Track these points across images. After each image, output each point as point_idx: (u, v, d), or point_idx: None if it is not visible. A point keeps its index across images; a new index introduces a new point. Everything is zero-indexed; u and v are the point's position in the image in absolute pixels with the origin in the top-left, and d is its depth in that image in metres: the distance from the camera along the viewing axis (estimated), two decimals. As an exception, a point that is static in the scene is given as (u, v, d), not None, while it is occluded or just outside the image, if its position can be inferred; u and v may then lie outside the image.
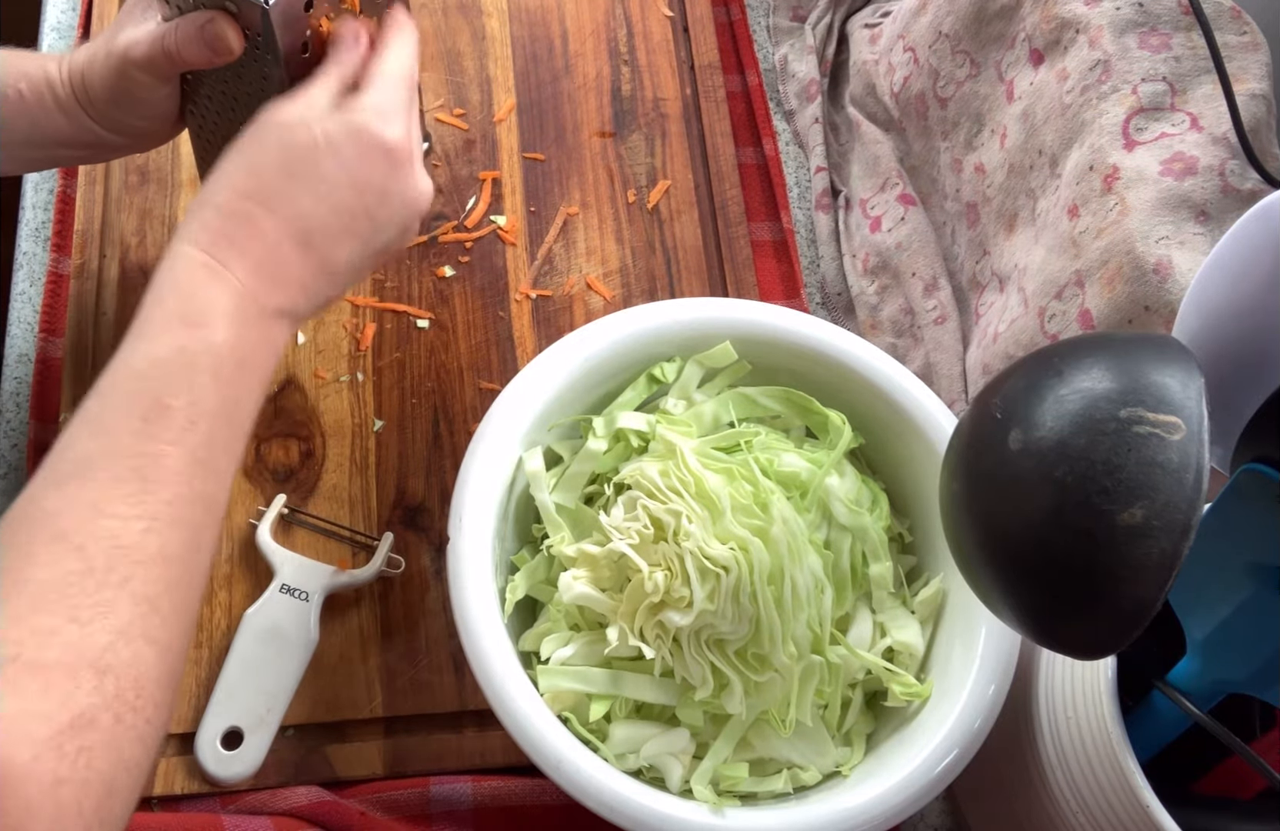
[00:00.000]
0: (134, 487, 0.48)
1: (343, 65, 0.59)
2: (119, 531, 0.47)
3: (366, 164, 0.56)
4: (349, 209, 0.56)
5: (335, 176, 0.55)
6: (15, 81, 0.65)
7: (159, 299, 0.52)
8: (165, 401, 0.49)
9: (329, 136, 0.56)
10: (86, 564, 0.45)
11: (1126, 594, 0.45)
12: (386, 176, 0.57)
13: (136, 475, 0.48)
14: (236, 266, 0.53)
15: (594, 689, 0.61)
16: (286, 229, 0.54)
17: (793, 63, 0.94)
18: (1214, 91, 0.67)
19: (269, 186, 0.54)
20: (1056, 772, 0.59)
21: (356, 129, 0.56)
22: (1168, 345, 0.48)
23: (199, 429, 0.50)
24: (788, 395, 0.69)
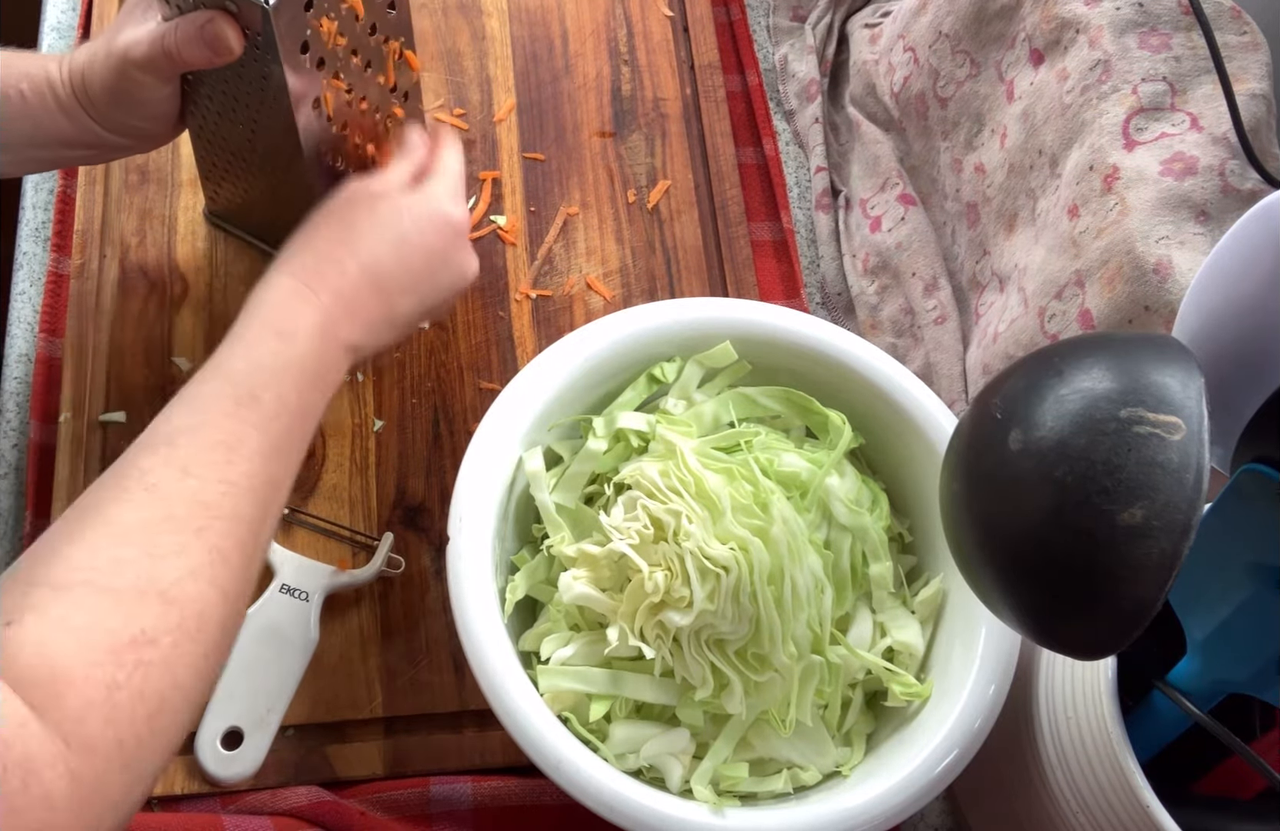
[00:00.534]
0: (220, 457, 0.54)
1: (412, 160, 0.70)
2: (200, 490, 0.53)
3: (437, 234, 0.67)
4: (417, 268, 0.66)
5: (412, 237, 0.66)
6: (16, 82, 0.65)
7: (257, 314, 0.60)
8: (256, 392, 0.57)
9: (410, 207, 0.66)
10: (167, 511, 0.51)
11: (1126, 594, 0.45)
12: (451, 247, 0.68)
13: (224, 447, 0.55)
14: (323, 294, 0.61)
15: (594, 689, 0.61)
16: (365, 271, 0.63)
17: (793, 63, 0.94)
18: (1214, 91, 0.67)
19: (356, 233, 0.64)
20: (1056, 772, 0.59)
21: (430, 205, 0.67)
22: (1168, 345, 0.48)
23: (280, 421, 0.57)
24: (788, 395, 0.69)
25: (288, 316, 0.60)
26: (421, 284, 0.66)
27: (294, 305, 0.60)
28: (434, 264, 0.67)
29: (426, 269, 0.66)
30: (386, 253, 0.64)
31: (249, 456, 0.55)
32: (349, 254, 0.63)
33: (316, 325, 0.60)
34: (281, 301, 0.61)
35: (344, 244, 0.64)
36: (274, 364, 0.58)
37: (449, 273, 0.68)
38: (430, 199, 0.67)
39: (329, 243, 0.64)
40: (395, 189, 0.67)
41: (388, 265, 0.64)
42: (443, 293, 0.68)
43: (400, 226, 0.65)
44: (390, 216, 0.65)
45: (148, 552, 0.50)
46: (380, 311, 0.64)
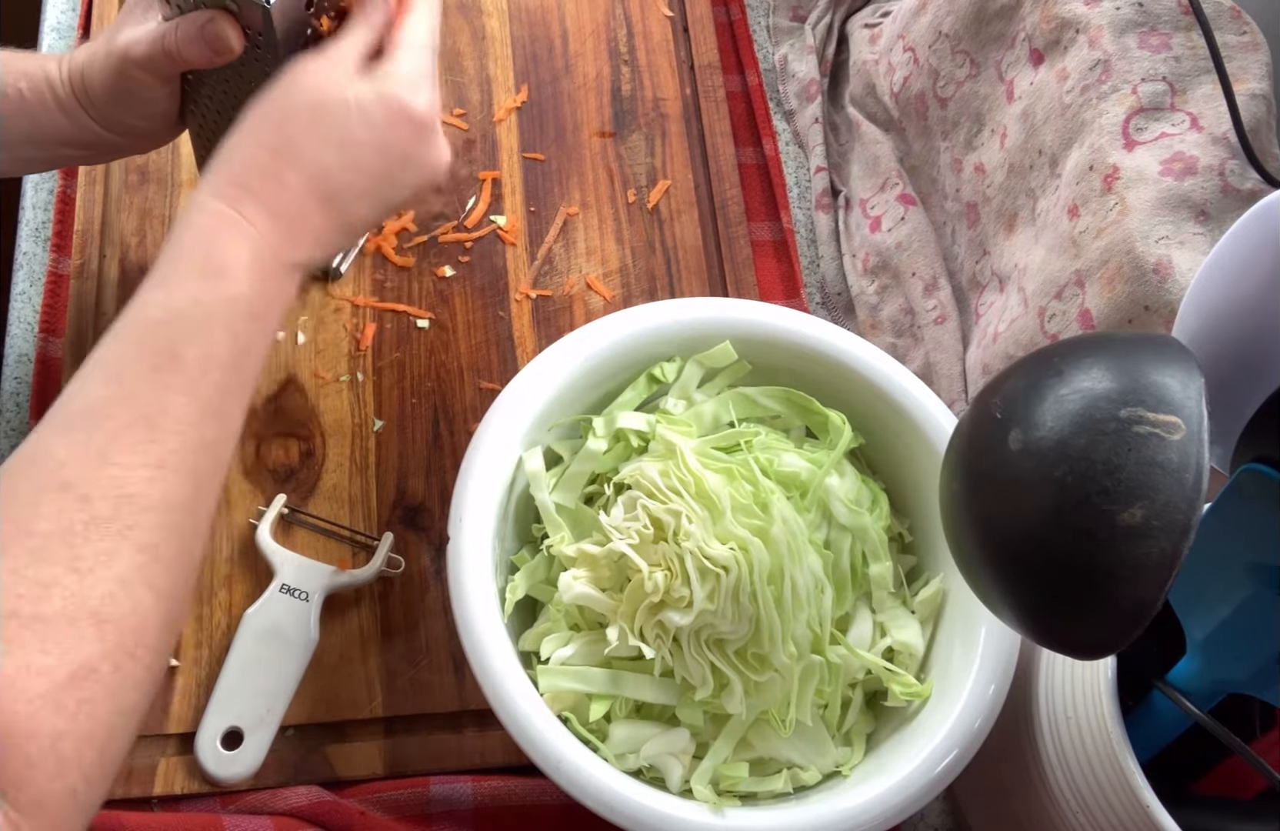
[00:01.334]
0: (142, 435, 0.48)
1: (370, 28, 0.60)
2: (124, 479, 0.47)
3: (394, 130, 0.58)
4: (372, 170, 0.58)
5: (362, 138, 0.57)
6: (15, 81, 0.65)
7: (178, 248, 0.53)
8: (179, 351, 0.50)
9: (359, 99, 0.57)
10: (90, 513, 0.46)
11: (1126, 594, 0.45)
12: (411, 143, 0.59)
13: (145, 423, 0.49)
14: (258, 219, 0.54)
15: (594, 689, 0.61)
16: (310, 185, 0.55)
17: (793, 63, 0.94)
18: (1214, 91, 0.67)
19: (295, 142, 0.56)
20: (1056, 772, 0.59)
21: (386, 96, 0.57)
22: (1168, 345, 0.48)
23: (210, 379, 0.51)
24: (788, 395, 0.69)
25: (215, 249, 0.52)
26: (380, 186, 0.58)
27: (222, 235, 0.53)
28: (391, 164, 0.58)
29: (384, 169, 0.58)
30: (332, 158, 0.56)
31: (176, 429, 0.49)
32: (287, 163, 0.55)
33: (250, 258, 0.53)
34: (207, 231, 0.53)
35: (281, 152, 0.55)
36: (198, 312, 0.51)
37: (412, 170, 0.60)
38: (385, 86, 0.58)
39: (263, 151, 0.55)
40: (343, 76, 0.58)
41: (335, 172, 0.56)
42: (407, 191, 0.60)
43: (348, 126, 0.56)
44: (337, 114, 0.56)
45: (73, 567, 0.45)
46: (331, 224, 0.57)
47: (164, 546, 0.48)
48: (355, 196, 0.58)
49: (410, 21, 0.61)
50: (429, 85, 0.60)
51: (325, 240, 0.57)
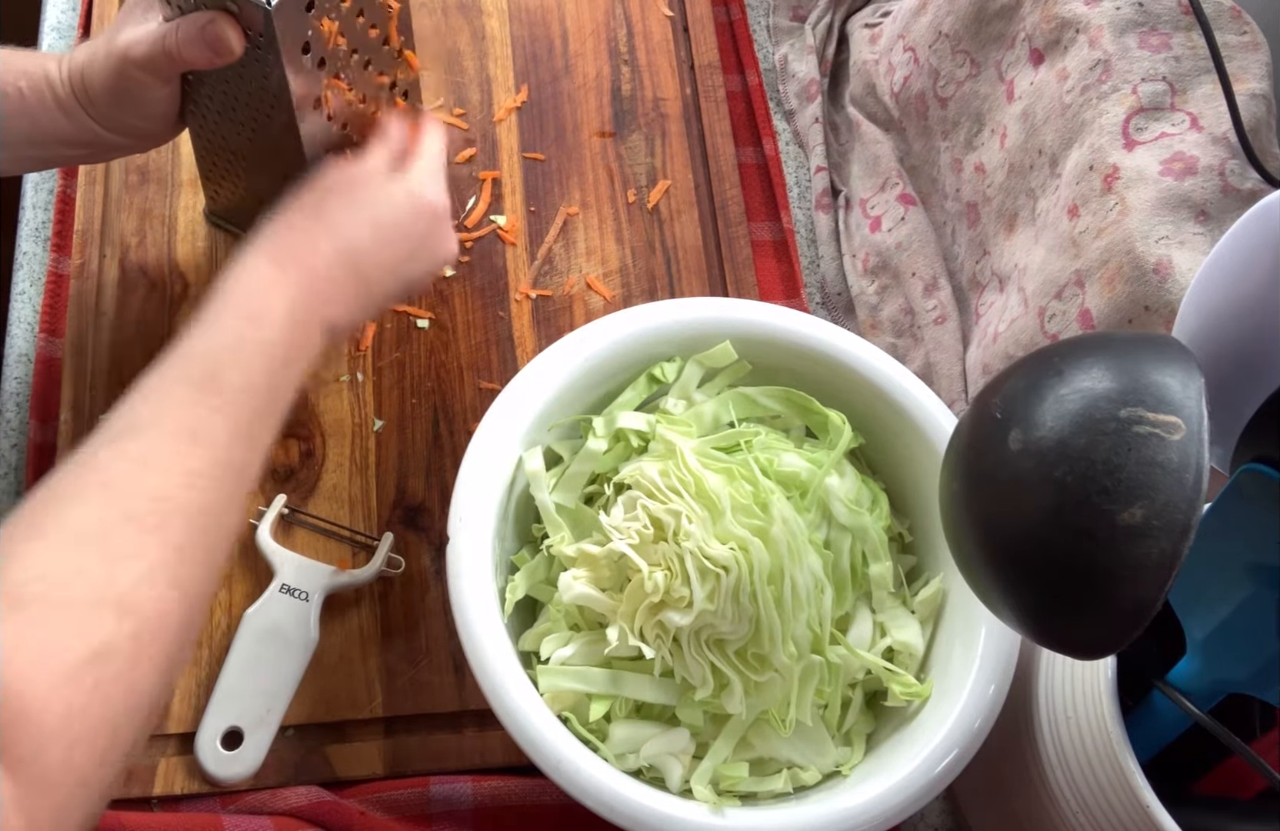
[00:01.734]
0: (182, 446, 0.52)
1: (389, 143, 0.69)
2: (159, 484, 0.51)
3: (415, 216, 0.66)
4: (394, 249, 0.65)
5: (389, 220, 0.65)
6: (15, 80, 0.65)
7: (225, 295, 0.58)
8: (220, 375, 0.55)
9: (388, 188, 0.66)
10: (125, 510, 0.49)
11: (1126, 594, 0.45)
12: (428, 228, 0.67)
13: (185, 436, 0.53)
14: (294, 278, 0.60)
15: (594, 689, 0.61)
16: (340, 254, 0.63)
17: (793, 62, 0.94)
18: (1214, 91, 0.67)
19: (332, 217, 0.63)
20: (1056, 772, 0.59)
21: (410, 188, 0.67)
22: (1168, 345, 0.48)
23: (246, 405, 0.56)
24: (788, 395, 0.69)
25: (256, 299, 0.59)
26: (399, 265, 0.66)
27: (264, 288, 0.59)
28: (411, 246, 0.66)
29: (404, 250, 0.66)
30: (362, 234, 0.64)
31: (212, 443, 0.53)
32: (323, 234, 0.62)
33: (287, 307, 0.59)
34: (251, 284, 0.59)
35: (318, 225, 0.63)
36: (240, 347, 0.57)
37: (427, 255, 0.68)
38: (409, 182, 0.67)
39: (303, 223, 0.63)
40: (373, 173, 0.67)
41: (364, 246, 0.64)
42: (420, 271, 0.68)
43: (377, 209, 0.65)
44: (367, 199, 0.65)
45: (104, 556, 0.48)
46: (355, 291, 0.63)
47: (191, 548, 0.51)
48: (379, 270, 0.65)
49: (426, 139, 0.70)
50: (442, 184, 0.69)
51: (351, 306, 0.64)
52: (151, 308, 0.79)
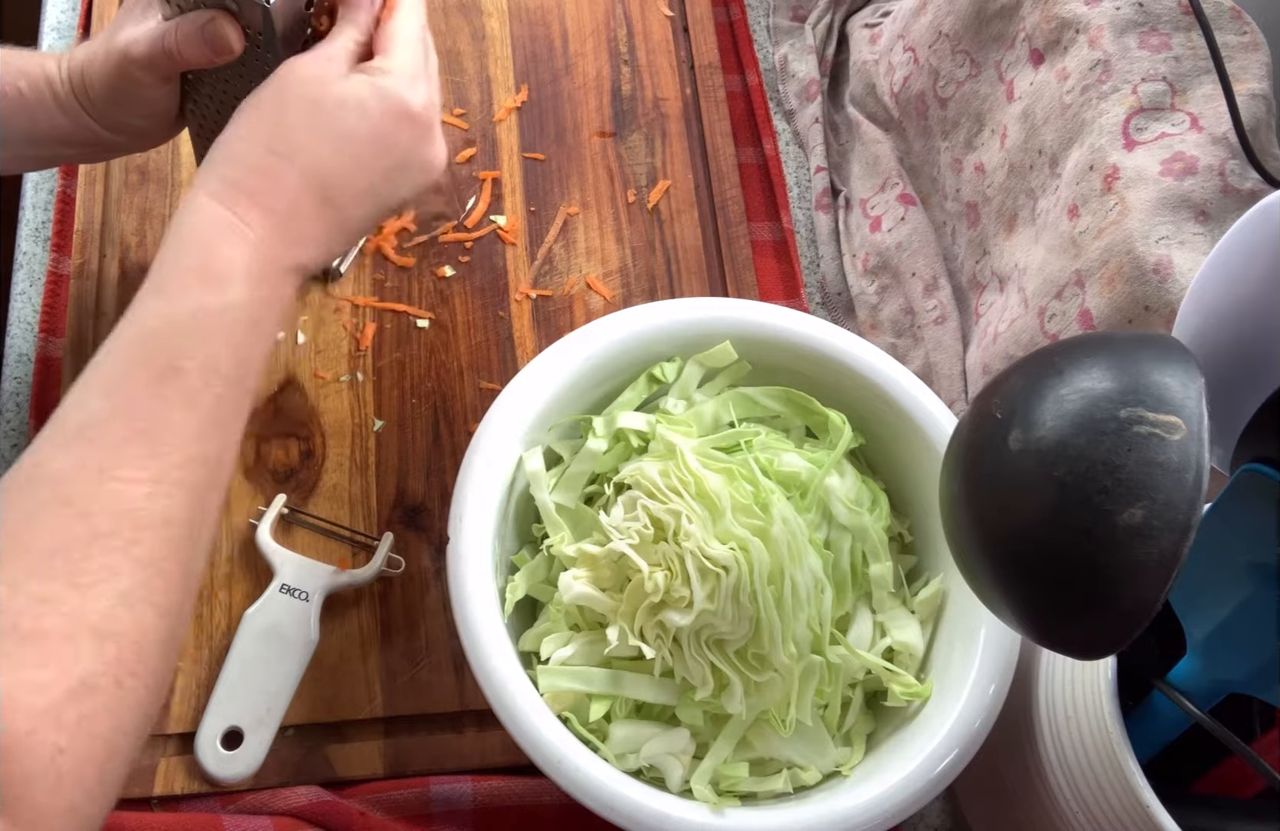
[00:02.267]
0: (142, 450, 0.48)
1: (357, 26, 0.59)
2: (124, 494, 0.47)
3: (393, 128, 0.57)
4: (370, 168, 0.57)
5: (361, 135, 0.56)
6: (14, 80, 0.65)
7: (176, 253, 0.52)
8: (179, 363, 0.49)
9: (358, 97, 0.56)
10: (90, 529, 0.46)
11: (1126, 594, 0.45)
12: (410, 141, 0.58)
13: (146, 437, 0.48)
14: (255, 221, 0.53)
15: (594, 689, 0.61)
16: (307, 183, 0.54)
17: (793, 62, 0.94)
18: (1214, 91, 0.67)
19: (293, 140, 0.54)
20: (1056, 772, 0.59)
21: (384, 92, 0.57)
22: (1168, 345, 0.48)
23: (211, 391, 0.50)
24: (788, 395, 0.69)
25: (213, 254, 0.51)
26: (378, 184, 0.57)
27: (221, 240, 0.52)
28: (390, 162, 0.57)
29: (382, 168, 0.57)
30: (330, 154, 0.55)
31: (176, 443, 0.48)
32: (285, 162, 0.54)
33: (250, 262, 0.52)
34: (204, 234, 0.52)
35: (277, 150, 0.54)
36: (199, 323, 0.50)
37: (410, 169, 0.59)
38: (384, 82, 0.57)
39: (259, 149, 0.54)
40: (336, 72, 0.57)
41: (334, 169, 0.55)
42: (406, 190, 0.59)
43: (346, 121, 0.55)
44: (333, 110, 0.55)
45: (72, 583, 0.44)
46: (328, 224, 0.56)
47: (165, 562, 0.48)
48: (353, 195, 0.57)
49: (400, 18, 0.59)
50: (425, 82, 0.59)
51: (323, 241, 0.56)
52: (151, 307, 0.79)
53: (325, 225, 0.56)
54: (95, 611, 0.45)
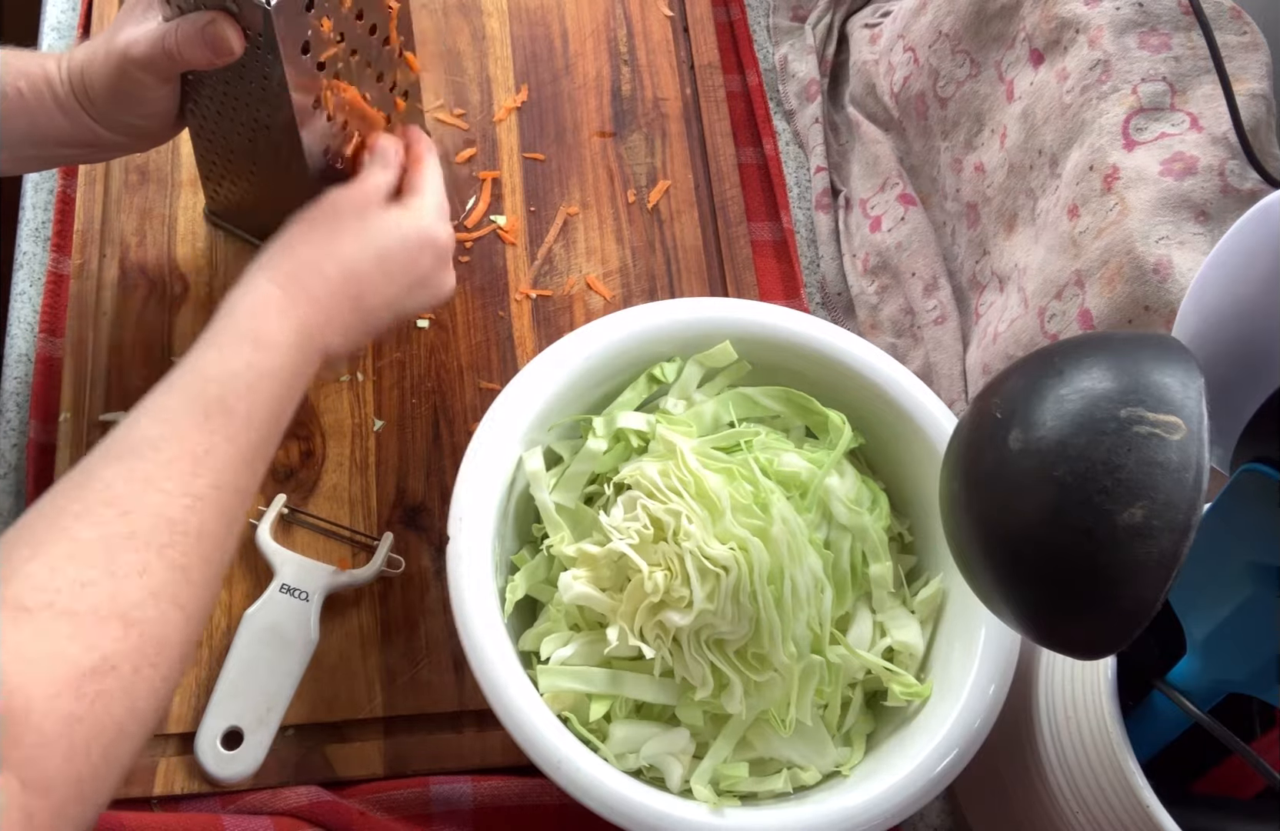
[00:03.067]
0: (186, 469, 0.53)
1: (390, 171, 0.70)
2: (165, 505, 0.52)
3: (420, 252, 0.68)
4: (397, 282, 0.66)
5: (395, 254, 0.66)
6: (14, 80, 0.65)
7: (234, 318, 0.60)
8: (229, 404, 0.56)
9: (398, 223, 0.67)
10: (130, 527, 0.50)
11: (1126, 593, 0.45)
12: (431, 266, 0.68)
13: (190, 459, 0.54)
14: (301, 304, 0.61)
15: (594, 689, 0.61)
16: (345, 281, 0.64)
17: (793, 63, 0.94)
18: (1214, 91, 0.67)
19: (341, 248, 0.64)
20: (1056, 772, 0.59)
21: (419, 224, 0.68)
22: (1168, 345, 0.48)
23: (251, 432, 0.57)
24: (788, 395, 0.69)
25: (265, 324, 0.60)
26: (399, 297, 0.67)
27: (272, 313, 0.60)
28: (413, 280, 0.67)
29: (406, 283, 0.67)
30: (369, 265, 0.65)
31: (217, 469, 0.55)
32: (330, 261, 0.63)
33: (294, 335, 0.60)
34: (259, 308, 0.60)
35: (326, 251, 0.64)
36: (249, 375, 0.58)
37: (426, 290, 0.69)
38: (418, 216, 0.68)
39: (311, 249, 0.64)
40: (378, 200, 0.68)
41: (369, 277, 0.65)
42: (417, 306, 0.69)
43: (386, 241, 0.66)
44: (376, 229, 0.66)
45: (109, 572, 0.49)
46: (355, 319, 0.65)
47: (194, 570, 0.52)
48: (380, 301, 0.66)
49: (427, 168, 0.71)
50: (448, 221, 0.71)
51: (350, 334, 0.65)
52: (151, 308, 0.79)
53: (355, 319, 0.65)
54: (127, 600, 0.49)
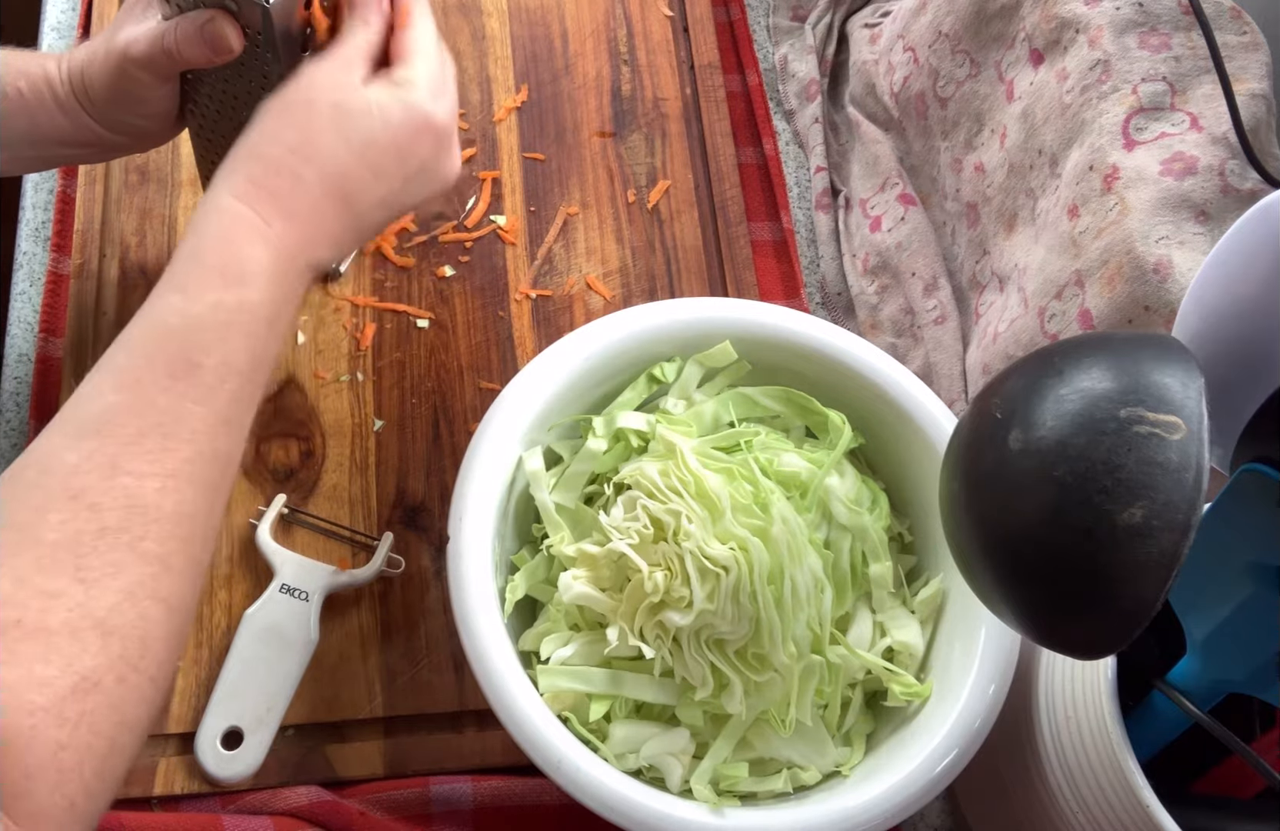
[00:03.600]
0: (155, 444, 0.48)
1: (369, 30, 0.59)
2: (135, 489, 0.47)
3: (415, 137, 0.58)
4: (390, 174, 0.57)
5: (383, 142, 0.57)
6: (14, 80, 0.65)
7: (196, 250, 0.52)
8: (195, 359, 0.49)
9: (382, 105, 0.57)
10: (99, 524, 0.46)
11: (1126, 593, 0.45)
12: (429, 151, 0.59)
13: (159, 432, 0.48)
14: (276, 220, 0.53)
15: (594, 689, 0.61)
16: (327, 184, 0.55)
17: (793, 62, 0.94)
18: (1214, 91, 0.67)
19: (315, 141, 0.55)
20: (1056, 772, 0.59)
21: (409, 104, 0.58)
22: (1168, 345, 0.48)
23: (227, 388, 0.50)
24: (788, 395, 0.69)
25: (234, 254, 0.51)
26: (395, 189, 0.58)
27: (242, 239, 0.52)
28: (409, 169, 0.58)
29: (401, 175, 0.58)
30: (354, 161, 0.56)
31: (189, 438, 0.48)
32: (306, 162, 0.54)
33: (270, 262, 0.52)
34: (227, 233, 0.52)
35: (300, 150, 0.55)
36: (218, 318, 0.50)
37: (427, 178, 0.60)
38: (409, 93, 0.58)
39: (282, 149, 0.55)
40: (358, 77, 0.57)
41: (354, 173, 0.56)
42: (420, 196, 0.60)
43: (371, 129, 0.56)
44: (358, 116, 0.56)
45: (78, 578, 0.44)
46: (346, 224, 0.57)
47: (174, 557, 0.48)
48: (371, 200, 0.57)
49: (417, 27, 0.60)
50: (449, 95, 0.60)
51: (339, 241, 0.57)
52: (151, 307, 0.79)
53: (343, 226, 0.56)
54: (101, 606, 0.45)
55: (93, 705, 0.43)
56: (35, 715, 0.42)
